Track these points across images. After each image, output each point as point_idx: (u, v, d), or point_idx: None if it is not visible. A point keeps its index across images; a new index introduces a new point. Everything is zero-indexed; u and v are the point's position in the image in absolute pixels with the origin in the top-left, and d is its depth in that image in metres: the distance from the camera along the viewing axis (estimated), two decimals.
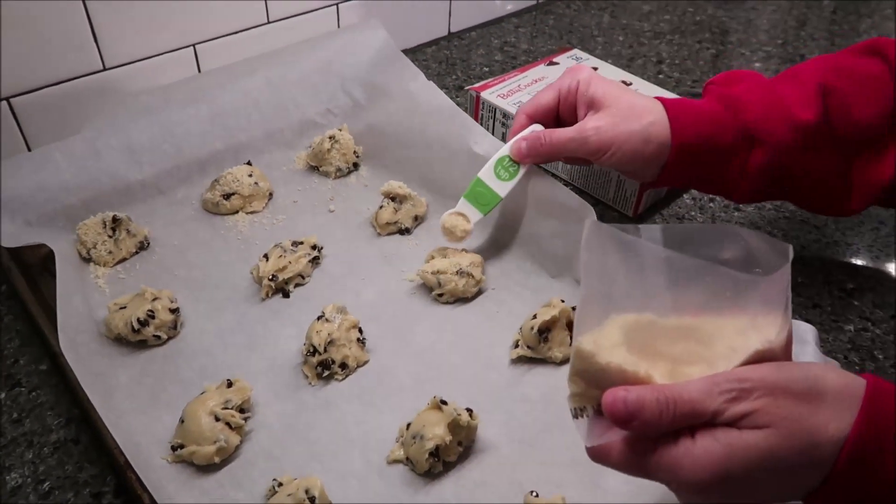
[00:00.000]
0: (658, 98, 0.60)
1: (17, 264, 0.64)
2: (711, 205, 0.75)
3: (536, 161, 0.64)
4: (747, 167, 0.58)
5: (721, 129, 0.58)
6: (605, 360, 0.38)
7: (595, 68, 0.87)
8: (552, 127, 0.63)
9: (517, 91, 0.82)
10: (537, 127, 0.63)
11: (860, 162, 0.59)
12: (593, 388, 0.40)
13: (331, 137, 0.76)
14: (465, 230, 0.65)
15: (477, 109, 0.83)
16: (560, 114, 0.64)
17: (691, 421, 0.37)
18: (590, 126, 0.59)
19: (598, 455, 0.40)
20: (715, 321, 0.39)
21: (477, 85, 0.84)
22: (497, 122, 0.81)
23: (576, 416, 0.41)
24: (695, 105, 0.59)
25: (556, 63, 0.88)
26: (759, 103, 0.58)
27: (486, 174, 0.64)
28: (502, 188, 0.64)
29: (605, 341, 0.39)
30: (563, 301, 0.60)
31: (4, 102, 0.70)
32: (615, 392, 0.37)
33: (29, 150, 0.74)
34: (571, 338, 0.59)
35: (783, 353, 0.39)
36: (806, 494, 0.38)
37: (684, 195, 0.76)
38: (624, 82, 0.84)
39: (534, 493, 0.48)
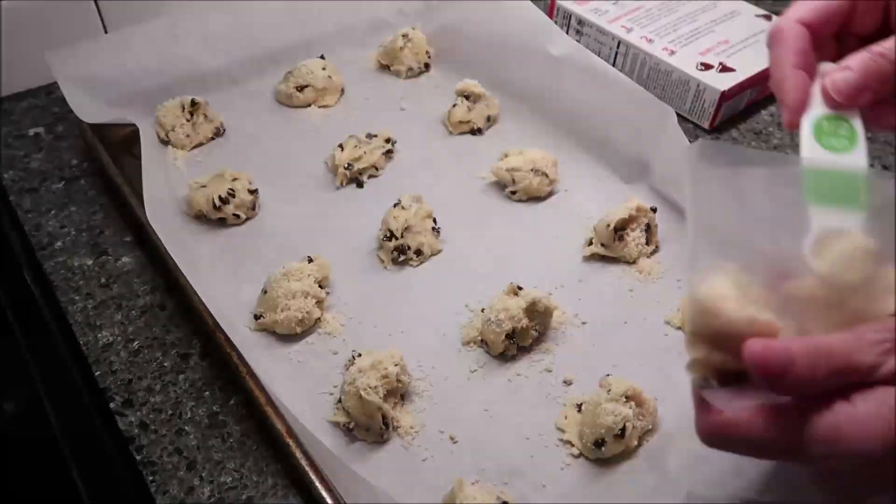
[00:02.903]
0: None
1: (101, 142, 0.65)
2: None
3: (876, 95, 0.38)
4: None
5: None
6: (730, 312, 0.31)
7: None
8: (830, 49, 0.41)
9: None
10: (826, 66, 0.39)
11: None
12: (715, 350, 0.32)
13: (404, 36, 0.76)
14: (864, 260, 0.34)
15: (551, 16, 0.81)
16: (853, 21, 0.41)
17: (844, 378, 0.30)
18: None
19: (722, 429, 0.32)
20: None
21: None
22: (572, 29, 0.79)
23: (703, 387, 0.32)
24: None
25: None
26: None
27: (814, 156, 0.38)
28: (853, 160, 0.37)
29: (723, 291, 0.31)
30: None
31: None
32: (760, 342, 0.30)
33: (105, 32, 0.74)
34: (648, 241, 0.59)
35: None
36: None
37: (762, 110, 0.75)
38: None
39: (608, 376, 0.49)
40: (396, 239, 0.58)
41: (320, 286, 0.55)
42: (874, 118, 0.39)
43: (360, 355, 0.50)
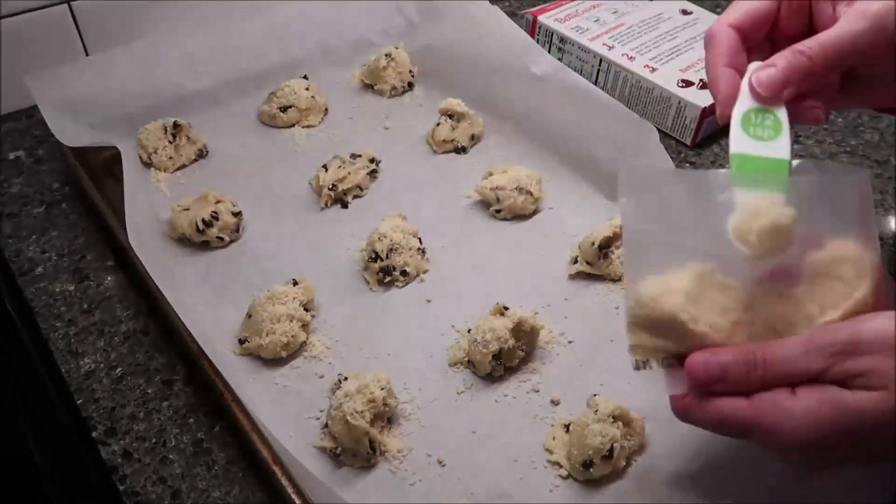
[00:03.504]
0: None
1: (82, 165, 0.65)
2: None
3: (798, 89, 0.41)
4: None
5: None
6: (670, 309, 0.35)
7: None
8: (765, 50, 0.43)
9: (575, 16, 0.81)
10: (754, 65, 0.42)
11: None
12: (659, 338, 0.37)
13: (387, 55, 0.76)
14: (788, 237, 0.37)
15: (533, 34, 0.81)
16: (780, 24, 0.44)
17: (786, 382, 0.34)
18: (879, 6, 0.39)
19: (680, 409, 0.37)
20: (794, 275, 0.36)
21: (533, 9, 0.83)
22: (553, 46, 0.80)
23: (637, 368, 0.38)
24: None
25: None
26: None
27: (741, 144, 0.40)
28: (777, 149, 0.40)
29: (672, 287, 0.35)
30: None
31: (65, 5, 0.70)
32: (700, 356, 0.35)
33: (87, 55, 0.74)
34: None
35: (875, 299, 0.35)
36: None
37: None
38: (684, 11, 0.83)
39: (595, 396, 0.49)
40: (382, 260, 0.57)
41: (305, 309, 0.54)
42: (799, 112, 0.42)
43: (346, 379, 0.50)
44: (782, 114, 0.40)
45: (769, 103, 0.40)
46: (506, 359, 0.52)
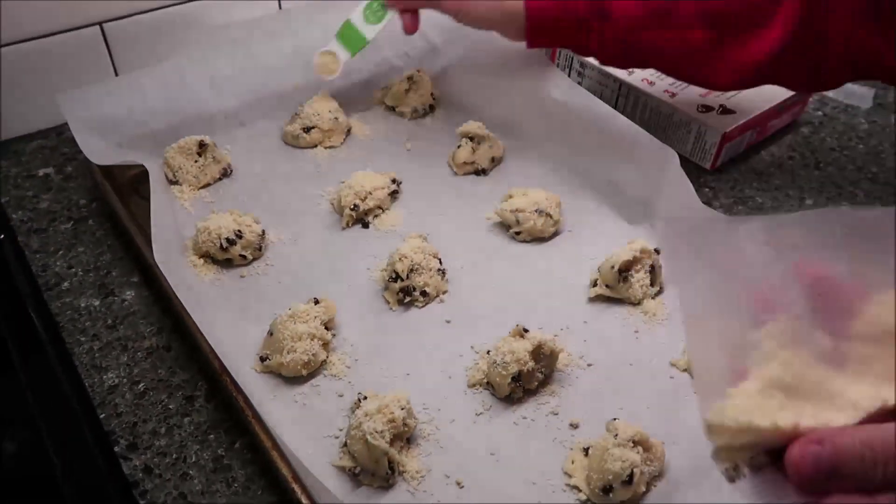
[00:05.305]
0: None
1: (109, 182, 0.66)
2: (790, 161, 0.75)
3: (406, 8, 0.69)
4: (603, 38, 0.63)
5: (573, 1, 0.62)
6: (749, 423, 0.29)
7: None
8: None
9: None
10: None
11: (733, 37, 0.59)
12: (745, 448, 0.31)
13: (409, 78, 0.77)
14: (333, 70, 0.72)
15: (553, 58, 0.82)
16: None
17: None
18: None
19: None
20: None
21: None
22: (574, 71, 0.81)
23: (732, 480, 0.31)
24: None
25: None
26: None
27: (357, 17, 0.71)
28: (370, 31, 0.71)
29: (742, 400, 0.30)
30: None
31: (97, 27, 0.72)
32: (803, 448, 0.28)
33: (116, 75, 0.76)
34: (653, 282, 0.59)
35: None
36: None
37: (762, 151, 0.76)
38: None
39: (615, 420, 0.49)
40: (402, 280, 0.58)
41: (326, 328, 0.55)
42: (408, 21, 0.70)
43: (365, 398, 0.50)
44: (391, 13, 0.70)
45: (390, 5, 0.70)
46: (525, 381, 0.52)
